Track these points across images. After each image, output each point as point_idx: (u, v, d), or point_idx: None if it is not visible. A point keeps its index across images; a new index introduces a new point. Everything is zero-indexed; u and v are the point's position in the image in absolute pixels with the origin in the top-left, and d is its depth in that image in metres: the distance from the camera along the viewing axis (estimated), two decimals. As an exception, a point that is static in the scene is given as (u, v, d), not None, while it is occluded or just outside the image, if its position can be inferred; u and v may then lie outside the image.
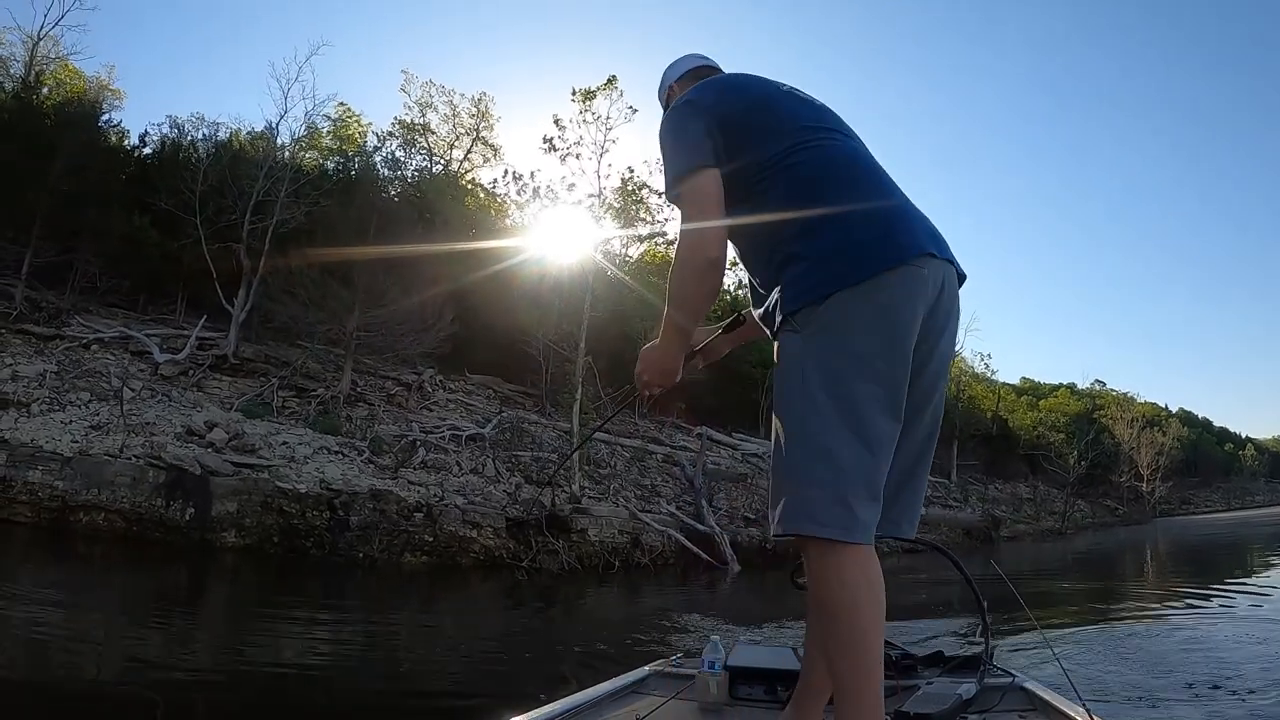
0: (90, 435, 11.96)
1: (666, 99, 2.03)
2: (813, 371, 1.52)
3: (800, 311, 1.56)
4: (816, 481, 1.48)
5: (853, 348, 1.51)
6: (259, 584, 9.58)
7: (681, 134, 1.72)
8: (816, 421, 1.50)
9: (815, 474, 1.48)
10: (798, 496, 1.49)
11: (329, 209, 17.17)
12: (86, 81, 27.84)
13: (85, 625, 6.18)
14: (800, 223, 1.62)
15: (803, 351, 1.55)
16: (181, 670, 5.09)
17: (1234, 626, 7.28)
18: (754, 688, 2.19)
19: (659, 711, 2.04)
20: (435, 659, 6.23)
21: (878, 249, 1.56)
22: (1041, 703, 2.03)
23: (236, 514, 10.66)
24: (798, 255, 1.60)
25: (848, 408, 1.49)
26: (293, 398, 15.52)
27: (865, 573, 1.47)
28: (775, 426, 1.58)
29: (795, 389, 1.54)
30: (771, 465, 1.58)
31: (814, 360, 1.53)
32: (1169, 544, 25.02)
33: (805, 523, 1.47)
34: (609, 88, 16.08)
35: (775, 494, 1.53)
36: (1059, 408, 51.10)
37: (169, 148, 21.35)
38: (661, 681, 2.38)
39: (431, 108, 28.21)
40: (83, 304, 17.71)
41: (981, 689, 2.12)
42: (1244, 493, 65.93)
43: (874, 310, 1.52)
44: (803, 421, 1.52)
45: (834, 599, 1.47)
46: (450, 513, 11.60)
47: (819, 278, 1.55)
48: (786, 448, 1.53)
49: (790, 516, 1.49)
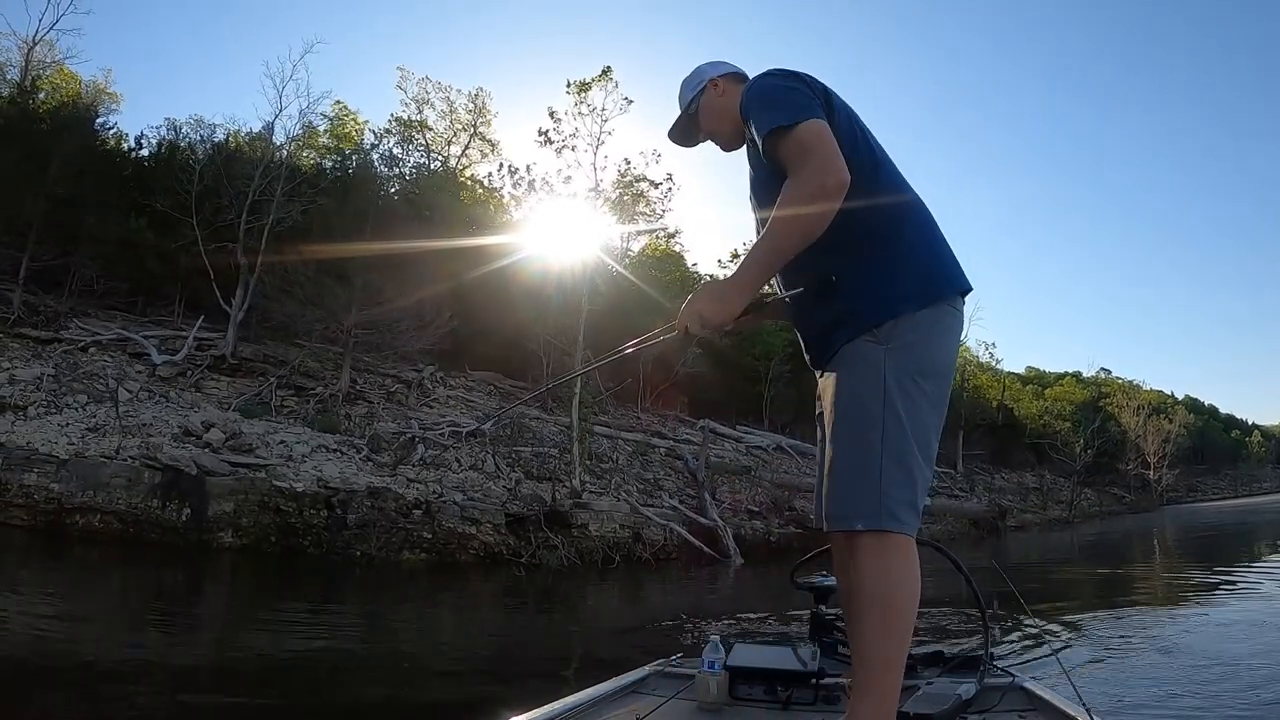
0: (87, 437, 11.91)
1: (703, 91, 2.04)
2: (894, 385, 1.65)
3: (885, 324, 1.68)
4: (898, 483, 1.62)
5: (927, 368, 1.69)
6: (257, 584, 9.53)
7: (800, 89, 1.77)
8: (896, 431, 1.63)
9: (895, 477, 1.62)
10: (878, 495, 1.61)
11: (325, 207, 17.11)
12: (82, 85, 27.83)
13: (83, 627, 6.12)
14: (895, 231, 1.76)
15: (885, 364, 1.66)
16: (180, 671, 5.03)
17: (1241, 618, 7.21)
18: (754, 688, 2.18)
19: (659, 711, 2.06)
20: (434, 659, 6.15)
21: (954, 274, 1.79)
22: (1041, 703, 2.04)
23: (233, 514, 10.59)
24: (889, 261, 1.73)
25: (918, 422, 1.67)
26: (291, 397, 15.46)
27: (918, 569, 1.65)
28: (842, 425, 1.68)
29: (876, 398, 1.65)
30: (837, 462, 1.67)
31: (894, 375, 1.66)
32: (1177, 532, 24.90)
33: (888, 520, 1.60)
34: (604, 79, 15.98)
35: (845, 490, 1.65)
36: (1065, 396, 51.00)
37: (165, 150, 21.30)
38: (661, 681, 2.39)
39: (428, 104, 28.16)
40: (81, 307, 17.67)
41: (981, 689, 2.13)
42: (1251, 479, 65.72)
43: (943, 332, 1.73)
44: (884, 428, 1.63)
45: (899, 591, 1.61)
46: (449, 509, 11.53)
47: (909, 290, 1.70)
48: (863, 450, 1.64)
49: (871, 514, 1.61)
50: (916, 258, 1.76)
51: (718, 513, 15.05)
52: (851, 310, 1.72)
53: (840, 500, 1.65)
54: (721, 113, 2.00)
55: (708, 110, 2.03)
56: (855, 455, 1.64)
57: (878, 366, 1.66)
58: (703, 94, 2.02)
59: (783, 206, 1.65)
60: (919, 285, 1.72)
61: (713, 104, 2.02)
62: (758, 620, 7.64)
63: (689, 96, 2.05)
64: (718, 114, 2.01)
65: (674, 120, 2.12)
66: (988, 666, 2.32)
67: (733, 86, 1.99)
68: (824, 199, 1.62)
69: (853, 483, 1.64)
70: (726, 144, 2.06)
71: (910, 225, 1.79)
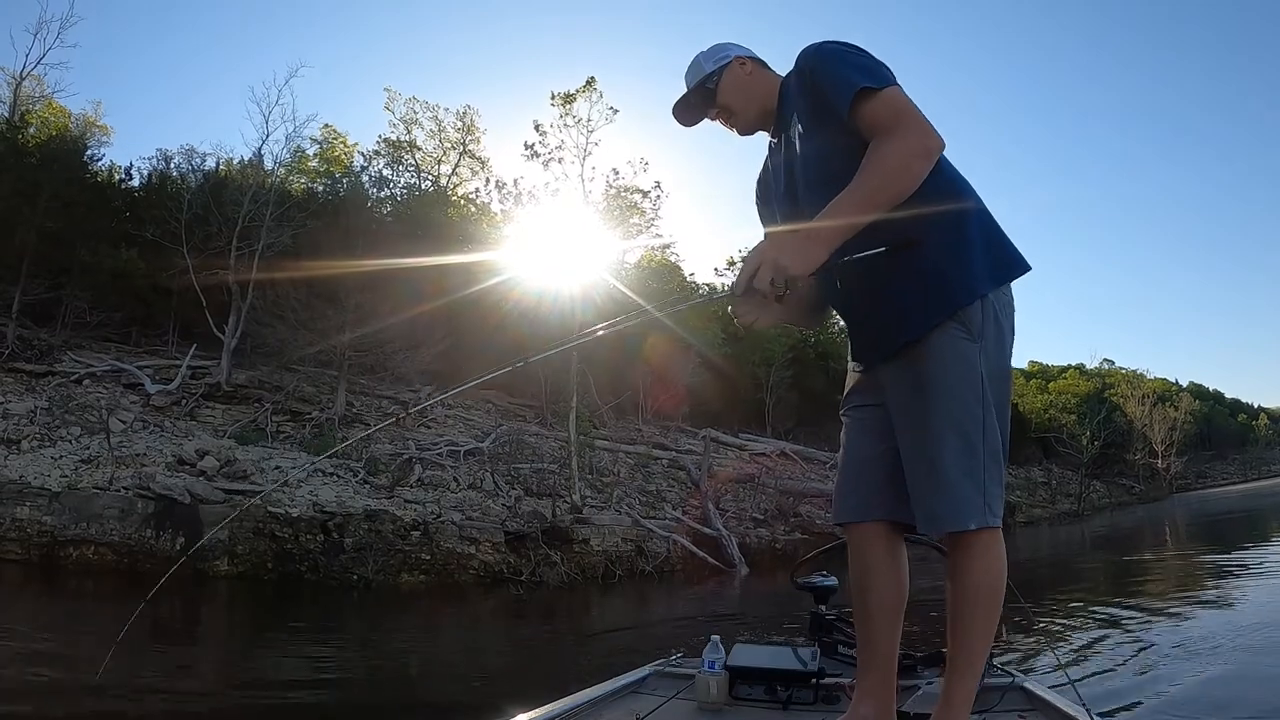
0: (80, 469, 11.83)
1: (728, 65, 1.95)
2: (987, 383, 1.68)
3: (972, 308, 1.67)
4: (996, 481, 1.67)
5: (1008, 363, 1.75)
6: (254, 612, 9.42)
7: (876, 61, 1.73)
8: (992, 429, 1.68)
9: (994, 474, 1.67)
10: (983, 494, 1.66)
11: (315, 230, 17.04)
12: (72, 119, 27.87)
13: (76, 664, 5.98)
14: (965, 206, 1.74)
15: (980, 363, 1.67)
16: (177, 707, 4.96)
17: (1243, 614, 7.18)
18: (754, 688, 2.17)
19: (659, 711, 2.06)
20: (434, 682, 6.06)
21: (1018, 253, 1.79)
22: (1041, 703, 2.04)
23: (228, 541, 10.48)
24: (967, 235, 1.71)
25: (1001, 420, 1.72)
26: (287, 422, 15.37)
27: None
28: (945, 425, 1.66)
29: (977, 399, 1.67)
30: (943, 463, 1.66)
31: (988, 374, 1.68)
32: (1188, 520, 24.71)
33: (991, 518, 1.66)
34: (588, 90, 15.89)
35: (955, 491, 1.65)
36: (1069, 389, 50.81)
37: (156, 180, 21.30)
38: (661, 681, 2.38)
39: (417, 124, 28.10)
40: (75, 340, 17.61)
41: (981, 689, 2.06)
42: (1260, 462, 65.30)
43: (1012, 318, 1.77)
44: (984, 427, 1.66)
45: (1002, 581, 1.69)
46: (447, 529, 11.41)
47: (987, 267, 1.70)
48: (969, 451, 1.65)
49: (980, 513, 1.65)
50: (990, 233, 1.76)
51: (722, 522, 14.91)
52: (936, 286, 1.69)
53: (951, 501, 1.66)
54: (750, 91, 1.93)
55: (733, 87, 1.94)
56: (963, 456, 1.65)
57: (975, 365, 1.68)
58: (727, 69, 1.93)
59: (881, 162, 1.60)
60: (994, 262, 1.73)
61: (739, 80, 1.93)
62: (761, 628, 7.51)
63: (709, 69, 1.94)
64: (744, 92, 1.94)
65: (683, 94, 2.00)
66: (987, 666, 2.24)
67: (761, 70, 1.95)
68: (925, 158, 1.61)
69: (961, 483, 1.65)
70: (745, 124, 1.98)
71: (976, 200, 1.78)
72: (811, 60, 1.77)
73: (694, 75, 1.97)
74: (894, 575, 1.85)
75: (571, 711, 1.98)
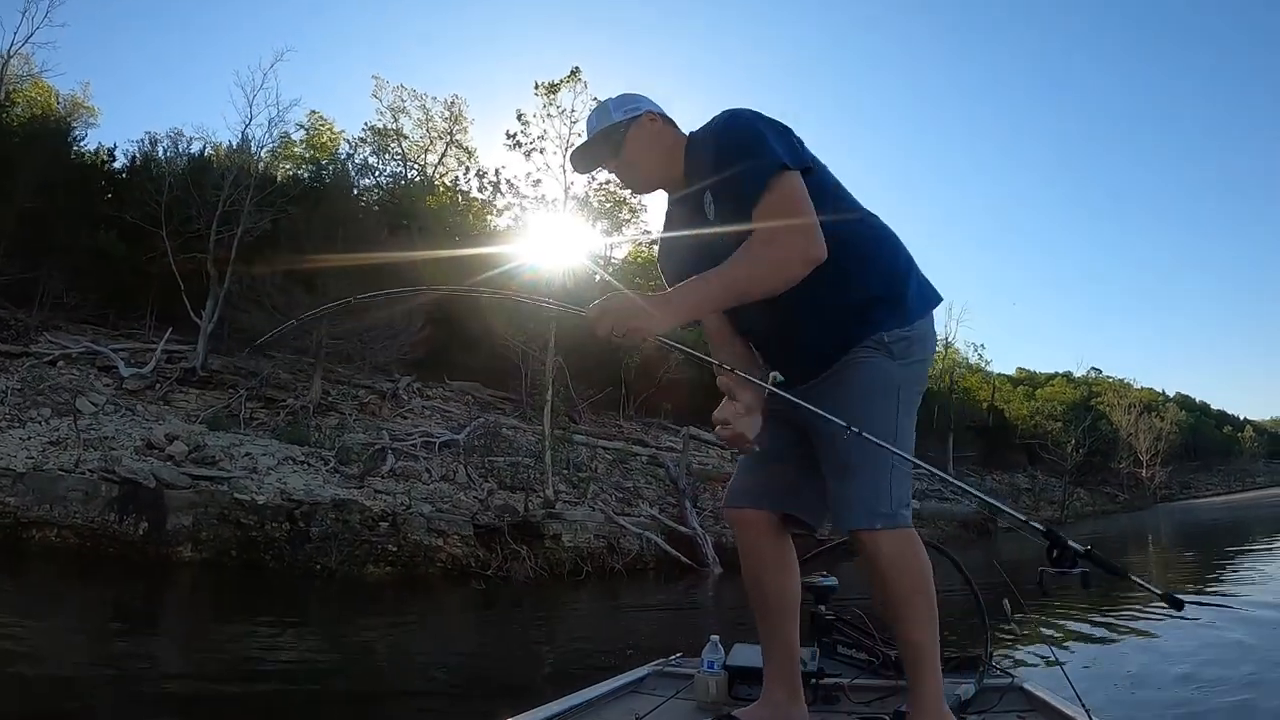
0: (47, 451, 11.68)
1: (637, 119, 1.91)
2: (905, 397, 1.82)
3: (895, 333, 1.80)
4: (903, 486, 1.79)
5: (921, 381, 1.89)
6: (216, 599, 9.30)
7: (781, 135, 1.77)
8: (906, 440, 1.80)
9: (902, 480, 1.78)
10: (891, 498, 1.76)
11: (296, 216, 16.90)
12: (59, 99, 27.66)
13: (37, 648, 5.89)
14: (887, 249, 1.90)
15: (899, 380, 1.81)
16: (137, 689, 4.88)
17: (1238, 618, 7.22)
18: (753, 688, 2.15)
19: (658, 711, 2.07)
20: (395, 677, 5.97)
21: (932, 288, 1.93)
22: (1040, 703, 2.06)
23: (192, 527, 10.37)
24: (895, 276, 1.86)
25: (912, 428, 1.86)
26: (261, 409, 15.24)
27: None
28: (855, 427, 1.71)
29: (893, 408, 1.80)
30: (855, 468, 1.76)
31: (904, 390, 1.82)
32: (1172, 530, 24.79)
33: (901, 518, 1.76)
34: (573, 80, 15.77)
35: (867, 493, 1.75)
36: (1055, 396, 50.91)
37: (140, 162, 21.13)
38: (661, 681, 2.39)
39: (404, 112, 27.97)
40: (52, 320, 17.44)
41: (980, 690, 2.15)
42: (1244, 474, 65.51)
43: (932, 343, 1.92)
44: (898, 437, 1.76)
45: (919, 579, 1.77)
46: (416, 521, 11.30)
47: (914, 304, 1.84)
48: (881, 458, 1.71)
49: (892, 514, 1.75)
50: (909, 271, 1.89)
51: (699, 521, 14.82)
52: (866, 312, 1.80)
53: (862, 502, 1.75)
54: (656, 150, 1.90)
55: (640, 143, 1.89)
56: (875, 463, 1.73)
57: (894, 381, 1.80)
58: (636, 122, 1.89)
59: (758, 259, 1.66)
60: (915, 293, 1.86)
61: (648, 137, 1.90)
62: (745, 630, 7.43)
63: (617, 119, 1.90)
64: (651, 150, 1.90)
65: (584, 141, 1.97)
66: (987, 667, 2.32)
67: (668, 129, 1.92)
68: (803, 266, 1.67)
69: (872, 487, 1.74)
70: (645, 184, 1.96)
71: (895, 242, 1.91)
72: (718, 139, 1.80)
73: (599, 122, 1.93)
74: (785, 566, 1.99)
75: (570, 711, 1.99)
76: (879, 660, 2.40)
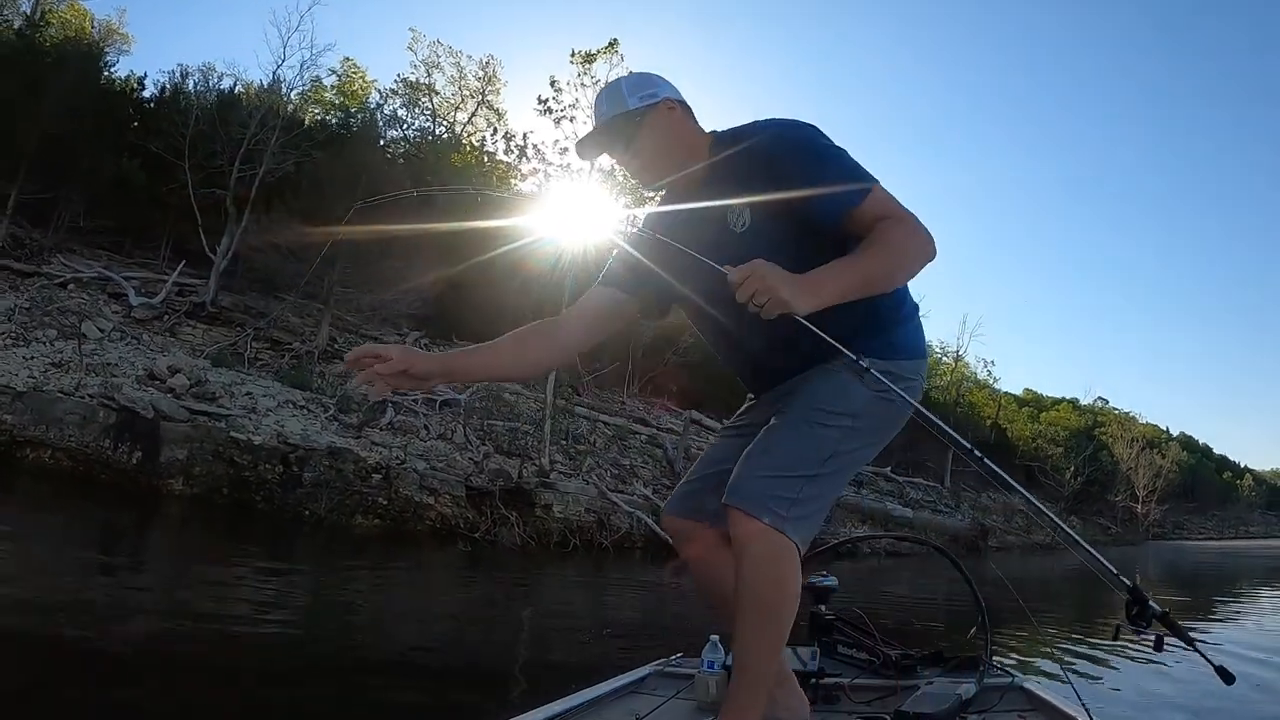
0: (49, 372, 11.69)
1: (655, 106, 1.76)
2: (861, 425, 1.68)
3: (875, 362, 1.62)
4: (812, 507, 1.62)
5: (889, 422, 1.73)
6: (203, 536, 9.25)
7: (852, 159, 1.69)
8: (843, 467, 1.69)
9: (814, 499, 1.62)
10: (794, 502, 1.58)
11: (319, 161, 16.81)
12: (94, 23, 27.59)
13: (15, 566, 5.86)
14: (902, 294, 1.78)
15: (862, 400, 1.66)
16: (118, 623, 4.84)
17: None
18: None
19: (659, 711, 2.08)
20: (370, 634, 5.93)
21: (925, 343, 1.87)
22: (1041, 703, 2.05)
23: (185, 461, 10.34)
24: (897, 316, 1.77)
25: (850, 469, 1.75)
26: (266, 349, 15.23)
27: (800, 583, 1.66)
28: (797, 427, 1.66)
29: (841, 426, 1.66)
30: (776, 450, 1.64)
31: (866, 416, 1.68)
32: (1161, 568, 24.68)
33: (790, 528, 1.57)
34: (610, 51, 15.64)
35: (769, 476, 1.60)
36: (1060, 422, 50.61)
37: (169, 93, 21.05)
38: (661, 681, 2.41)
39: (438, 68, 27.76)
40: (66, 243, 17.44)
41: (981, 689, 2.15)
42: (1239, 522, 65.28)
43: (915, 390, 1.74)
44: (834, 453, 1.65)
45: (777, 596, 1.59)
46: (409, 477, 11.27)
47: (904, 345, 1.75)
48: (805, 456, 1.62)
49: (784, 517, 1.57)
50: (913, 315, 1.82)
51: (690, 506, 14.74)
52: (853, 346, 1.64)
53: (761, 483, 1.60)
54: (673, 142, 1.76)
55: (656, 132, 1.74)
56: (799, 460, 1.62)
57: (855, 402, 1.67)
58: (654, 109, 1.74)
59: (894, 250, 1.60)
60: (911, 339, 1.78)
61: (665, 127, 1.75)
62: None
63: (633, 106, 1.74)
64: (666, 141, 1.75)
65: (596, 127, 1.80)
66: (987, 667, 2.33)
67: (688, 120, 1.79)
68: (924, 259, 1.63)
69: (783, 481, 1.59)
70: (653, 176, 1.79)
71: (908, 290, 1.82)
72: (779, 148, 1.66)
73: (612, 107, 1.76)
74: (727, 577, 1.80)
75: (570, 711, 1.98)
76: (879, 660, 2.39)
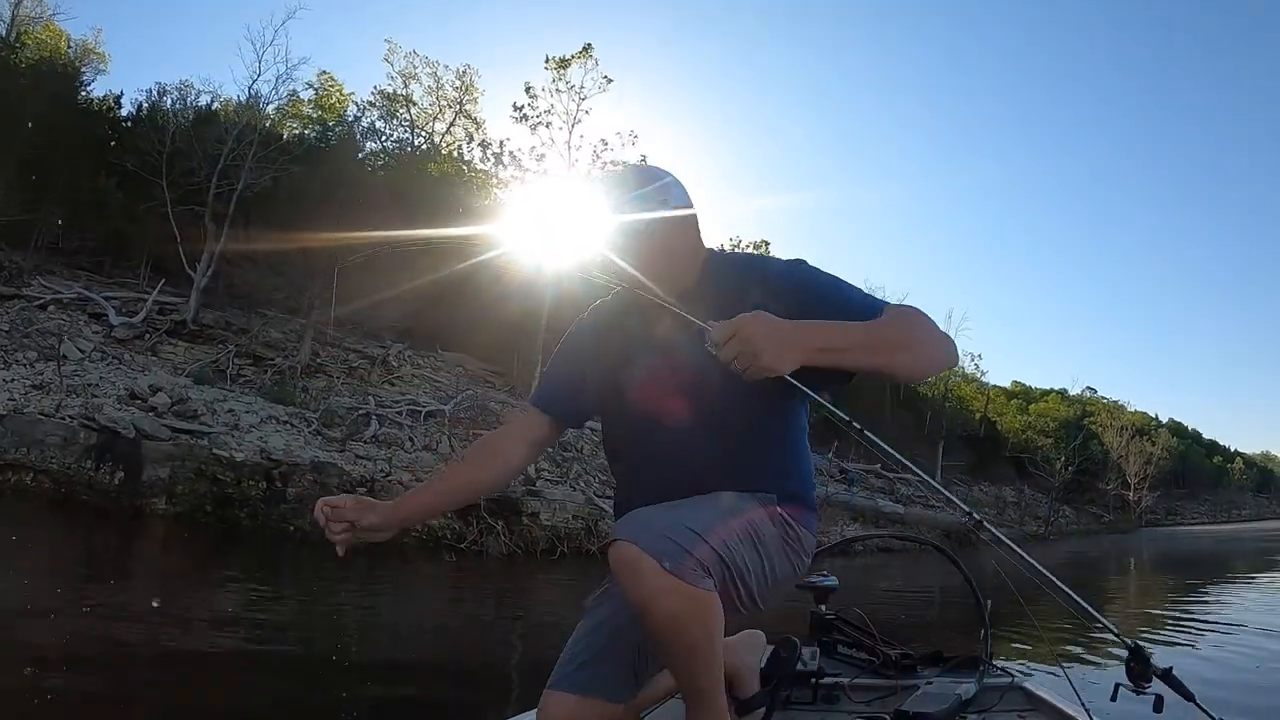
0: (30, 394, 11.64)
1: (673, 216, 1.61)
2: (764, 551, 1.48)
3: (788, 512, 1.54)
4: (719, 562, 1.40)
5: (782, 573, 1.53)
6: (187, 555, 9.22)
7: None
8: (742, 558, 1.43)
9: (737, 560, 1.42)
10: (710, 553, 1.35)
11: (297, 175, 16.77)
12: (70, 43, 27.44)
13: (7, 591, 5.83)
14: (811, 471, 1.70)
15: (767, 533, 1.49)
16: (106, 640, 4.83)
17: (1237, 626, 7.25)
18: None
19: (659, 711, 2.01)
20: (363, 646, 5.90)
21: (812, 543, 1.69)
22: (1041, 703, 2.06)
23: (168, 480, 10.31)
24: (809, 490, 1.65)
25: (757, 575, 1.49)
26: (249, 365, 15.19)
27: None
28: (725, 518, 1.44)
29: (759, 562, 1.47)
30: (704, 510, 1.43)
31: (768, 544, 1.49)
32: (1155, 554, 24.82)
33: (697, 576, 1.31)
34: (584, 56, 15.64)
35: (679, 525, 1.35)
36: (1049, 413, 50.83)
37: (145, 111, 20.99)
38: None
39: (415, 79, 27.70)
40: (46, 265, 17.37)
41: (981, 689, 2.13)
42: (1230, 505, 65.73)
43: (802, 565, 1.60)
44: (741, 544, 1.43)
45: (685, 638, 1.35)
46: (393, 489, 11.24)
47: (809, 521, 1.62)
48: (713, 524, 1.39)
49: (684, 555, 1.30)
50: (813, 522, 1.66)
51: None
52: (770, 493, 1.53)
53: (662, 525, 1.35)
54: (686, 258, 1.63)
55: (671, 239, 1.61)
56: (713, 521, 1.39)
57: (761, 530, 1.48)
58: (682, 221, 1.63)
59: (911, 325, 1.49)
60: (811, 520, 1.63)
61: (677, 237, 1.62)
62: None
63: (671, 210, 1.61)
64: (671, 251, 1.61)
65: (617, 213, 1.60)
66: (987, 666, 2.30)
67: (694, 231, 1.66)
68: (944, 361, 1.55)
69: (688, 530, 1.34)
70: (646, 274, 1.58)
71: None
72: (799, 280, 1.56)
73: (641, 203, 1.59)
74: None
75: None
76: (879, 660, 2.37)
